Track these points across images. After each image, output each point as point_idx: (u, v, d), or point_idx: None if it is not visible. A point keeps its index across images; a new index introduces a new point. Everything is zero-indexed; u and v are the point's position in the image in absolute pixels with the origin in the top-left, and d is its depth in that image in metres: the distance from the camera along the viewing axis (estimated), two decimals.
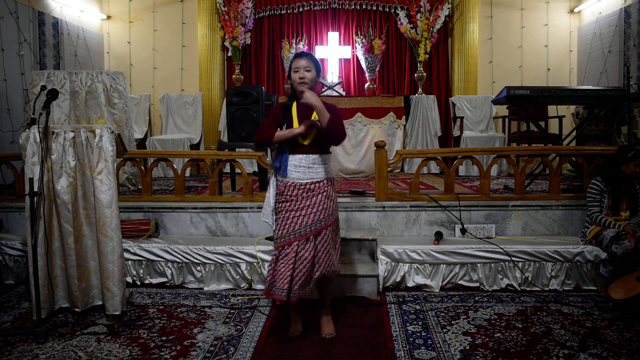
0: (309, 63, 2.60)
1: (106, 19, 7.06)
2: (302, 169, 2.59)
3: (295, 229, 2.56)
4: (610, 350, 2.51)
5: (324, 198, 2.60)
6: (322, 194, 2.60)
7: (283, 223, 2.60)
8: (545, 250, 3.43)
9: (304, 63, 2.59)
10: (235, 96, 4.31)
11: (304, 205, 2.57)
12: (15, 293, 3.52)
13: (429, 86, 6.92)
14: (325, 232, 2.60)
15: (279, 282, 2.54)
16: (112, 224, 2.89)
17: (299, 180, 2.59)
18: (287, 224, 2.58)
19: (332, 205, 2.64)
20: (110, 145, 2.93)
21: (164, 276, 3.59)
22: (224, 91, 6.94)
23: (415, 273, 3.45)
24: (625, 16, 5.73)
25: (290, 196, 2.59)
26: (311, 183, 2.59)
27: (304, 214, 2.57)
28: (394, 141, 5.87)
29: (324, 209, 2.59)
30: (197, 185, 5.15)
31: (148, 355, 2.50)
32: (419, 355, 2.49)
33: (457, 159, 4.11)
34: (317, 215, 2.57)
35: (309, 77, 2.59)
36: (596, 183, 3.48)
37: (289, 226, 2.58)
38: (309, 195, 2.58)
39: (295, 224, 2.57)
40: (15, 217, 4.07)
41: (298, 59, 2.61)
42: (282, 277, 2.53)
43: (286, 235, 2.58)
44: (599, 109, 4.54)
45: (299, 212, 2.57)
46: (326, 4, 6.95)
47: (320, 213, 2.58)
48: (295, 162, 2.59)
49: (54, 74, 4.34)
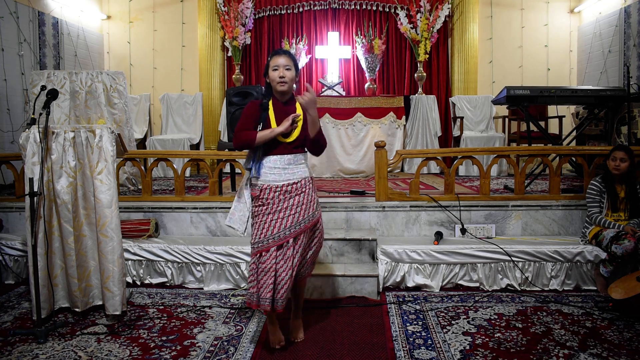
0: (289, 61, 2.45)
1: (106, 19, 7.06)
2: (277, 170, 2.46)
3: (274, 233, 2.43)
4: (610, 350, 2.51)
5: (302, 198, 2.48)
6: (300, 195, 2.48)
7: (260, 227, 2.45)
8: (545, 250, 3.43)
9: (283, 61, 2.44)
10: (235, 96, 4.31)
11: (282, 207, 2.45)
12: (15, 293, 3.52)
13: (429, 86, 6.92)
14: (305, 234, 2.49)
15: (263, 291, 2.40)
16: (112, 224, 2.89)
17: (274, 182, 2.46)
18: (265, 228, 2.44)
19: (312, 205, 2.52)
20: (110, 145, 2.93)
21: (164, 276, 3.59)
22: (224, 91, 6.93)
23: (415, 273, 3.45)
24: (625, 16, 5.74)
25: (266, 199, 2.46)
26: (288, 185, 2.46)
27: (281, 216, 2.44)
28: (394, 141, 5.87)
29: (303, 210, 2.47)
30: (197, 185, 5.15)
31: (148, 355, 2.50)
32: (419, 355, 2.49)
33: (457, 159, 4.11)
34: (296, 217, 2.45)
35: (289, 76, 2.45)
36: (595, 183, 3.48)
37: (266, 230, 2.43)
38: (287, 197, 2.46)
39: (273, 228, 2.43)
40: (15, 217, 4.07)
41: (277, 56, 2.46)
42: (267, 287, 2.39)
43: (264, 240, 2.43)
44: (599, 109, 4.54)
45: (277, 214, 2.44)
46: (326, 4, 6.95)
47: (299, 215, 2.46)
48: (270, 163, 2.47)
49: (54, 74, 4.34)
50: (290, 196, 2.47)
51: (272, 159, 2.47)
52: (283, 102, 2.53)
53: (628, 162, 3.37)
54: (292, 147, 2.49)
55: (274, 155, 2.47)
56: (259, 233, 2.46)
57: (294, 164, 2.50)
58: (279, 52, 2.49)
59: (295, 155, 2.50)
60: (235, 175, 4.71)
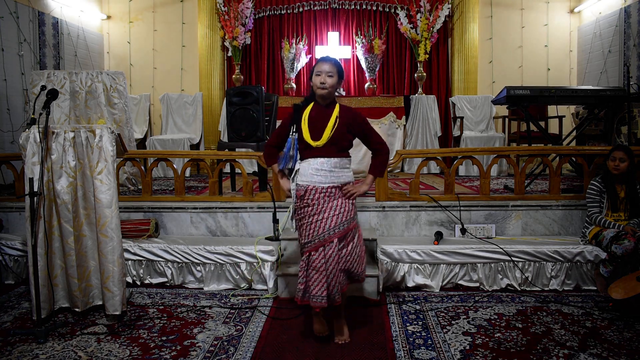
0: (333, 69, 2.57)
1: (106, 19, 7.05)
2: (323, 172, 2.56)
3: (320, 233, 2.54)
4: (610, 350, 2.51)
5: (344, 202, 2.58)
6: (342, 198, 2.58)
7: (307, 228, 2.58)
8: (545, 250, 3.43)
9: (327, 68, 2.56)
10: (235, 96, 4.31)
11: (326, 208, 2.55)
12: (15, 293, 3.52)
13: (429, 86, 6.92)
14: (349, 234, 2.59)
15: (315, 289, 2.51)
16: (112, 224, 2.89)
17: (320, 184, 2.56)
18: (312, 229, 2.56)
19: (352, 209, 2.62)
20: (110, 145, 2.93)
21: (164, 276, 3.59)
22: (224, 91, 6.93)
23: (415, 273, 3.45)
24: (625, 16, 5.74)
25: (311, 200, 2.57)
26: (332, 187, 2.57)
27: (326, 216, 2.54)
28: (394, 141, 5.87)
29: (345, 212, 2.57)
30: (197, 185, 5.15)
31: (148, 355, 2.50)
32: (419, 355, 2.49)
33: (457, 159, 4.11)
34: (339, 218, 2.55)
35: (330, 83, 2.56)
36: (595, 183, 3.48)
37: (313, 231, 2.55)
38: (330, 198, 2.56)
39: (319, 228, 2.54)
40: (15, 217, 4.07)
41: (322, 63, 2.58)
42: (319, 284, 2.50)
43: (312, 240, 2.56)
44: (599, 109, 4.54)
45: (321, 215, 2.55)
46: (326, 4, 6.95)
47: (342, 215, 2.56)
48: (317, 165, 2.57)
49: (54, 74, 4.34)
50: (333, 197, 2.58)
51: (319, 161, 2.58)
52: (324, 105, 2.63)
53: (627, 162, 3.37)
54: (335, 150, 2.59)
55: (321, 157, 2.58)
56: (307, 234, 2.58)
57: (339, 168, 2.60)
58: (325, 59, 2.61)
59: (340, 160, 2.61)
60: (235, 175, 4.71)
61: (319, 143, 2.56)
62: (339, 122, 2.58)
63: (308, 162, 2.60)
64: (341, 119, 2.59)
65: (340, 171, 2.60)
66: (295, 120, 2.64)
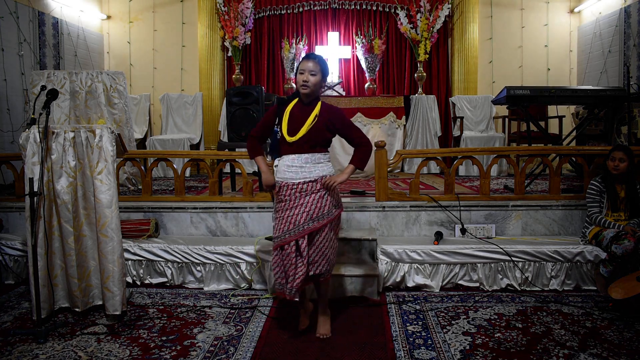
0: (316, 67, 2.57)
1: (106, 19, 7.05)
2: (294, 168, 2.59)
3: (290, 228, 2.57)
4: (610, 350, 2.51)
5: (317, 198, 2.59)
6: (315, 194, 2.59)
7: (280, 222, 2.62)
8: (545, 250, 3.43)
9: (311, 66, 2.56)
10: (235, 96, 4.31)
11: (298, 204, 2.58)
12: (15, 293, 3.52)
13: (429, 86, 6.92)
14: (319, 231, 2.59)
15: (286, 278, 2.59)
16: (112, 224, 2.89)
17: (291, 180, 2.59)
18: (284, 224, 2.60)
19: (326, 205, 2.61)
20: (110, 145, 2.93)
21: (164, 276, 3.59)
22: (224, 91, 6.93)
23: (415, 273, 3.45)
24: (625, 16, 5.74)
25: (284, 196, 2.61)
26: (303, 183, 2.58)
27: (297, 212, 2.57)
28: (394, 141, 5.87)
29: (317, 208, 2.58)
30: (197, 185, 5.15)
31: (148, 355, 2.50)
32: (419, 355, 2.49)
33: (457, 159, 4.11)
34: (309, 215, 2.57)
35: (313, 82, 2.56)
36: (595, 183, 3.48)
37: (284, 225, 2.59)
38: (302, 194, 2.58)
39: (290, 223, 2.58)
40: (15, 217, 4.07)
41: (305, 60, 2.59)
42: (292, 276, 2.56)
43: (282, 234, 2.59)
44: (599, 109, 4.54)
45: (293, 210, 2.58)
46: (326, 4, 6.95)
47: (313, 212, 2.57)
48: (288, 162, 2.61)
49: (54, 74, 4.34)
50: (305, 194, 2.59)
51: (290, 157, 2.60)
52: (305, 103, 2.64)
53: (627, 162, 3.37)
54: (308, 147, 2.58)
55: (292, 154, 2.60)
56: (279, 228, 2.61)
57: (311, 164, 2.59)
58: (308, 57, 2.60)
59: (311, 155, 2.60)
60: (235, 175, 4.71)
61: (294, 139, 2.58)
62: (318, 119, 2.59)
63: (283, 159, 2.65)
64: (320, 117, 2.60)
65: (312, 166, 2.59)
66: (278, 113, 2.67)
